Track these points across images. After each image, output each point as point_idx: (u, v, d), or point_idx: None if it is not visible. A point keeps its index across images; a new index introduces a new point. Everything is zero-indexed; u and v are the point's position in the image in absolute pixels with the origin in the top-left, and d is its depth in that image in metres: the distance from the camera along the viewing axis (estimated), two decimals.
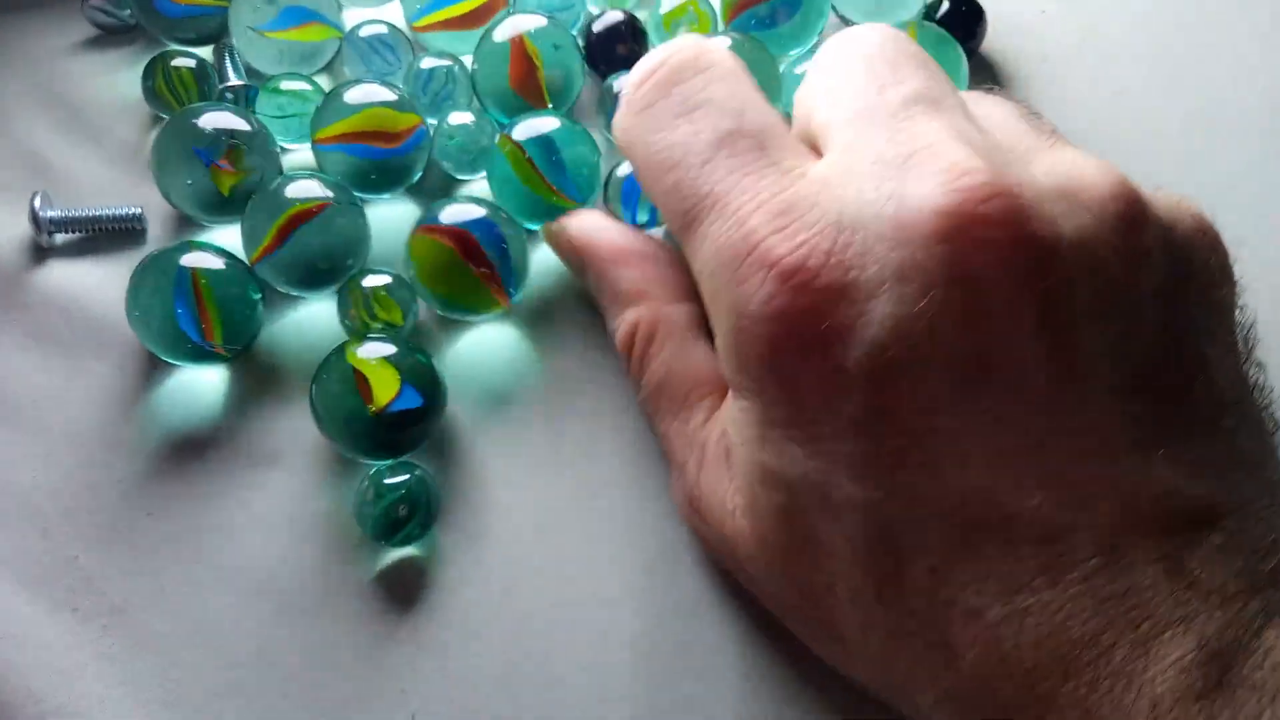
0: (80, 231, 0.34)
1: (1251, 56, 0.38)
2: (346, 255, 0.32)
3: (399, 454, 0.30)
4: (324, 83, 0.36)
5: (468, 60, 0.35)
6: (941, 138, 0.22)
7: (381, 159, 0.33)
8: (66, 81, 0.37)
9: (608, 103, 0.34)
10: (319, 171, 0.33)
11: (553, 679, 0.29)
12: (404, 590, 0.30)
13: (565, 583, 0.30)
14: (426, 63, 0.35)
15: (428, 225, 0.31)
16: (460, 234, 0.31)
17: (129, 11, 0.37)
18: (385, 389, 0.29)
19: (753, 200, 0.22)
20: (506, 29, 0.34)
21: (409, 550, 0.30)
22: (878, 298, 0.20)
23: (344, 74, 0.37)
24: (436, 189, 0.35)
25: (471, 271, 0.31)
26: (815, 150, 0.25)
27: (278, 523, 0.30)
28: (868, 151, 0.22)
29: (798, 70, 0.34)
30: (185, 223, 0.35)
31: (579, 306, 0.33)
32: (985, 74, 0.37)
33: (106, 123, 0.36)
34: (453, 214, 0.31)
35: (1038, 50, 0.38)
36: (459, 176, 0.35)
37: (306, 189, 0.32)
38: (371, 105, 0.33)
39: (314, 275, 0.32)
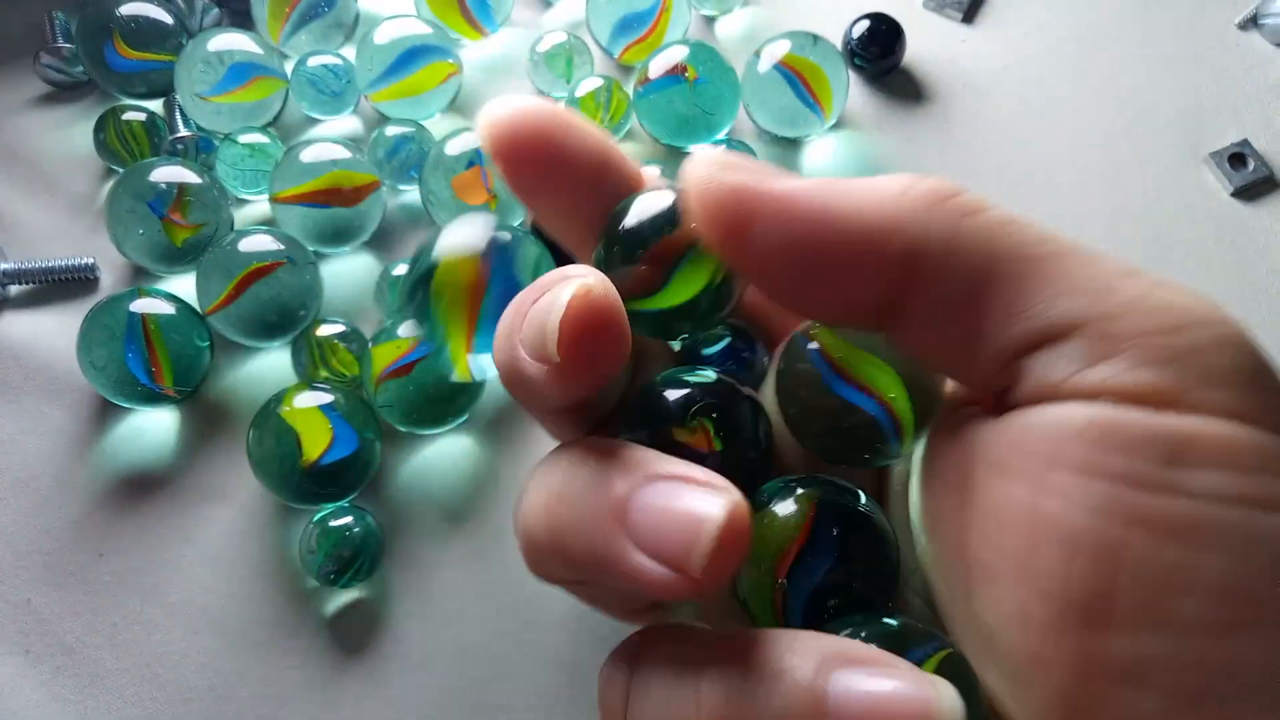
0: (34, 283, 0.35)
1: (1163, 76, 0.39)
2: (298, 310, 0.33)
3: (335, 500, 0.31)
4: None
5: (426, 123, 0.37)
6: None
7: (339, 216, 0.34)
8: (19, 136, 0.38)
9: None
10: (275, 227, 0.34)
11: (496, 705, 0.29)
12: (352, 623, 0.30)
13: (505, 613, 0.30)
14: (391, 130, 0.36)
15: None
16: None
17: (80, 68, 0.38)
18: (316, 442, 0.30)
19: None
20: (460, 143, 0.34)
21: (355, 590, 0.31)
22: None
23: (294, 114, 0.38)
24: (392, 243, 0.36)
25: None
26: None
27: (228, 560, 0.31)
28: None
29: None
30: (138, 273, 0.36)
31: None
32: (908, 93, 0.39)
33: (60, 176, 0.37)
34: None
35: (959, 75, 0.39)
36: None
37: (262, 246, 0.33)
38: (330, 168, 0.34)
39: (266, 328, 0.33)
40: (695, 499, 0.15)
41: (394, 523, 0.32)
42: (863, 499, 0.18)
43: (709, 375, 0.19)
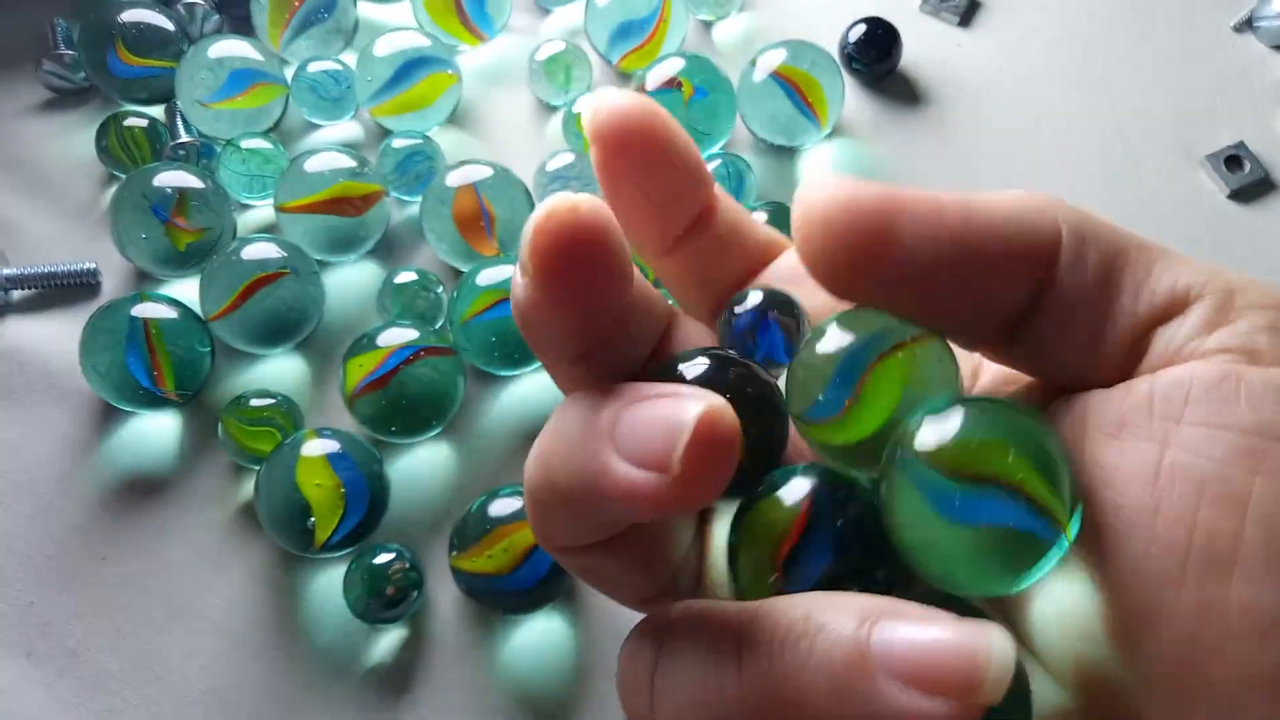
0: (36, 288, 0.35)
1: (1159, 79, 0.39)
2: (300, 319, 0.33)
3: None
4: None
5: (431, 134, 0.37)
6: None
7: (343, 226, 0.34)
8: (22, 143, 0.38)
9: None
10: (279, 236, 0.34)
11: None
12: (354, 626, 0.30)
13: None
14: (398, 143, 0.36)
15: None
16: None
17: (82, 74, 0.39)
18: (327, 520, 0.29)
19: None
20: (456, 177, 0.34)
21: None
22: None
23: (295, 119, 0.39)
24: (397, 251, 0.37)
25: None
26: None
27: (230, 562, 0.31)
28: None
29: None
30: (140, 277, 0.36)
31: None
32: (905, 96, 0.39)
33: (62, 181, 0.38)
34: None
35: (954, 79, 0.40)
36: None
37: (265, 255, 0.33)
38: (336, 179, 0.34)
39: (268, 335, 0.33)
40: (677, 404, 0.15)
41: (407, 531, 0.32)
42: (862, 487, 0.17)
43: (726, 354, 0.18)
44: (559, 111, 0.38)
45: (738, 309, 0.18)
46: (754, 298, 0.18)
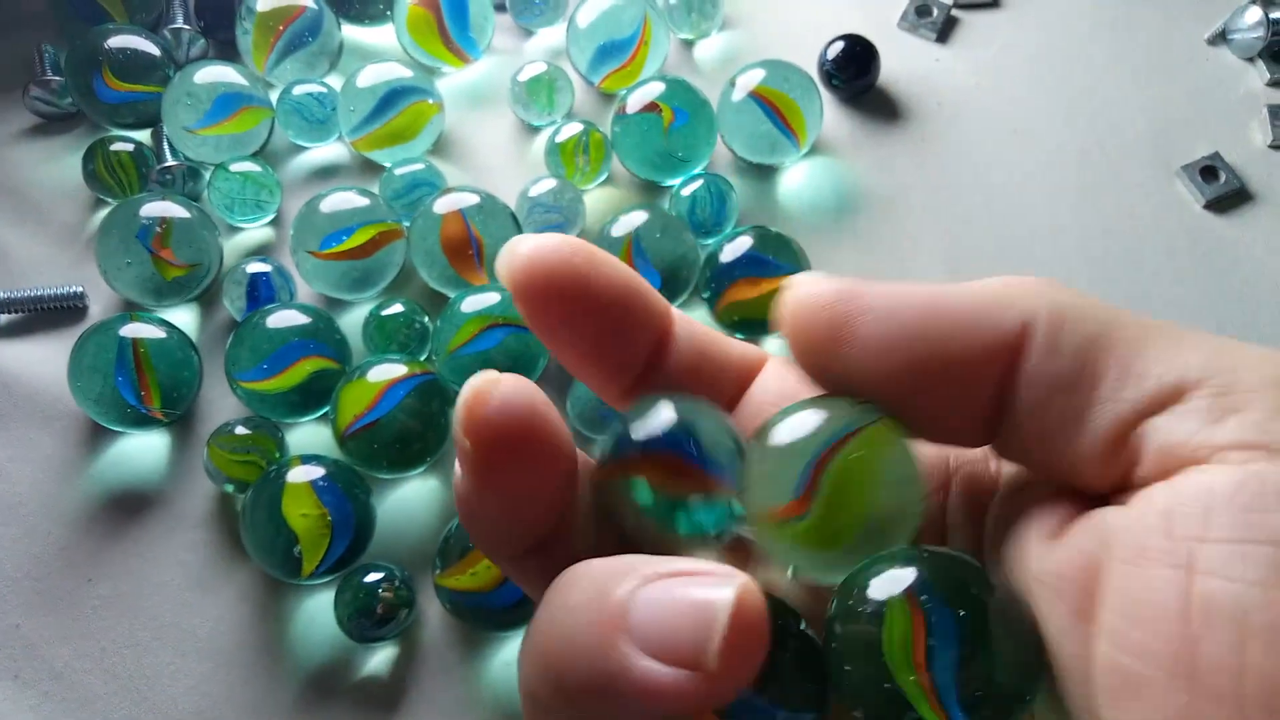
0: (23, 311, 0.36)
1: (1135, 91, 0.40)
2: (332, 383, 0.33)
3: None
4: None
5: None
6: None
7: (359, 266, 0.34)
8: (9, 168, 0.38)
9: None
10: (270, 257, 0.35)
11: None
12: (343, 646, 0.31)
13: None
14: (401, 170, 0.36)
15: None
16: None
17: (69, 100, 0.39)
18: (314, 550, 0.29)
19: None
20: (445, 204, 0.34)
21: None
22: None
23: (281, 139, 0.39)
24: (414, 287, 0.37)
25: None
26: None
27: (215, 584, 0.31)
28: None
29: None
30: (126, 301, 0.36)
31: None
32: (883, 111, 0.40)
33: (49, 206, 0.38)
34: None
35: (933, 93, 0.40)
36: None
37: (322, 354, 0.33)
38: (362, 225, 0.34)
39: (304, 408, 0.33)
40: (704, 587, 0.14)
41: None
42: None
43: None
44: (541, 133, 0.39)
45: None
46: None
